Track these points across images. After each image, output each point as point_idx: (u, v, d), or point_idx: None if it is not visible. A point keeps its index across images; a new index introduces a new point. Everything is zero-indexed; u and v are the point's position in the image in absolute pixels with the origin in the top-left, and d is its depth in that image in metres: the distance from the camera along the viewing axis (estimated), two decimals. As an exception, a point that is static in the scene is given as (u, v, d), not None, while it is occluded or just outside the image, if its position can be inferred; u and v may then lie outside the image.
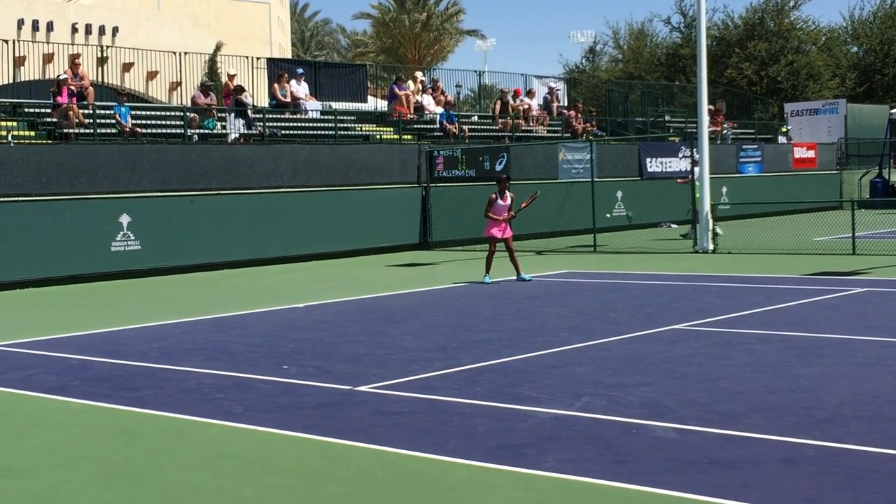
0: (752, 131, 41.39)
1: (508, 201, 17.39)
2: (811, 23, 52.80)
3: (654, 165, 31.81)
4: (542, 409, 7.97)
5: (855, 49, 53.73)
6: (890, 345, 10.46)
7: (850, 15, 55.19)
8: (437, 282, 18.01)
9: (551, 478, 6.22)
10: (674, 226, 29.18)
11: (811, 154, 39.77)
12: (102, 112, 22.83)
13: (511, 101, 32.67)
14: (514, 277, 17.54)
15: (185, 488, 6.36)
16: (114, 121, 22.73)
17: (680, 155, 31.62)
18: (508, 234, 17.49)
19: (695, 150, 25.80)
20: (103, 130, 22.37)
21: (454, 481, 6.28)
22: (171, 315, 14.46)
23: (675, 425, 7.35)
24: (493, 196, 17.41)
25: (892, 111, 42.12)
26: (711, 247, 21.91)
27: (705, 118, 22.96)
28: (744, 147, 36.72)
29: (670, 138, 34.62)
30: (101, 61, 27.53)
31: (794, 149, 39.47)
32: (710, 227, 25.33)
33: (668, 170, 31.81)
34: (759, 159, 36.85)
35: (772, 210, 32.88)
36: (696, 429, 7.25)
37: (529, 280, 17.44)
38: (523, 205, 17.65)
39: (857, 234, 20.66)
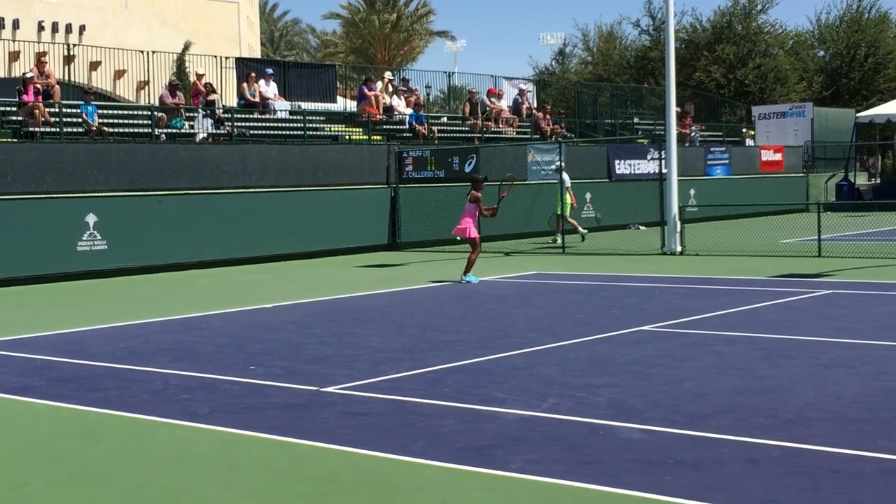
0: (720, 134, 41.65)
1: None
2: (778, 27, 53.26)
3: (622, 167, 31.99)
4: (509, 410, 7.97)
5: (822, 53, 54.16)
6: (854, 346, 10.55)
7: (817, 19, 55.79)
8: (405, 283, 18.00)
9: (517, 479, 6.23)
10: (642, 227, 29.30)
11: (778, 157, 40.08)
12: (69, 111, 22.66)
13: (488, 102, 32.75)
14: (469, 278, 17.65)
15: (149, 489, 6.32)
16: (80, 119, 22.58)
17: (648, 157, 31.82)
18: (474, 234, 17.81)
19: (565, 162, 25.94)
20: (70, 129, 22.21)
21: (420, 482, 6.28)
22: (137, 315, 14.37)
23: (642, 426, 7.38)
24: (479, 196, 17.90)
25: (857, 115, 42.52)
26: (679, 248, 22.02)
27: (673, 120, 23.06)
28: (712, 149, 36.95)
29: (639, 140, 34.79)
30: (68, 59, 27.33)
31: (762, 151, 39.76)
32: (576, 230, 25.67)
33: (637, 171, 32.00)
34: (726, 162, 37.10)
35: (739, 212, 33.08)
36: (662, 430, 7.28)
37: (477, 282, 17.40)
38: (504, 193, 18.14)
39: (822, 237, 20.82)
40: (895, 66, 51.18)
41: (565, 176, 26.07)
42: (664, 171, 22.93)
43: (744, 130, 43.04)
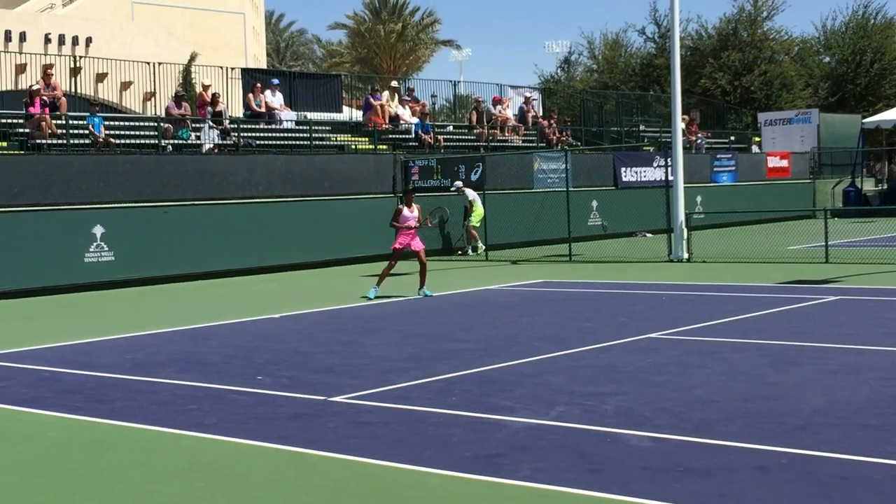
0: (726, 141, 41.60)
1: (416, 212, 17.50)
2: (784, 33, 53.17)
3: (628, 175, 31.96)
4: (517, 419, 7.96)
5: (827, 59, 54.10)
6: (862, 352, 10.52)
7: (823, 25, 55.62)
8: (412, 291, 17.98)
9: (526, 487, 6.21)
10: (649, 235, 29.27)
11: (784, 163, 40.00)
12: (75, 122, 22.69)
13: (494, 110, 32.76)
14: (417, 293, 17.33)
15: (155, 500, 6.31)
16: (87, 131, 22.60)
17: (654, 164, 31.78)
18: (420, 247, 17.45)
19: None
20: (76, 141, 22.24)
21: (428, 491, 6.26)
22: (145, 326, 14.38)
23: (650, 434, 7.35)
24: (400, 207, 17.55)
25: (864, 121, 42.44)
26: (686, 255, 21.98)
27: (679, 128, 23.04)
28: (718, 156, 36.90)
29: (645, 148, 34.75)
30: (75, 71, 27.38)
31: (768, 158, 39.71)
32: (477, 244, 25.49)
33: (643, 179, 31.98)
34: (733, 168, 37.04)
35: (746, 219, 33.04)
36: (671, 437, 7.26)
37: (431, 296, 17.16)
38: (428, 221, 17.81)
39: (829, 243, 20.77)
40: (901, 72, 51.14)
41: (469, 190, 25.75)
42: (670, 178, 22.91)
43: (745, 137, 43.01)
